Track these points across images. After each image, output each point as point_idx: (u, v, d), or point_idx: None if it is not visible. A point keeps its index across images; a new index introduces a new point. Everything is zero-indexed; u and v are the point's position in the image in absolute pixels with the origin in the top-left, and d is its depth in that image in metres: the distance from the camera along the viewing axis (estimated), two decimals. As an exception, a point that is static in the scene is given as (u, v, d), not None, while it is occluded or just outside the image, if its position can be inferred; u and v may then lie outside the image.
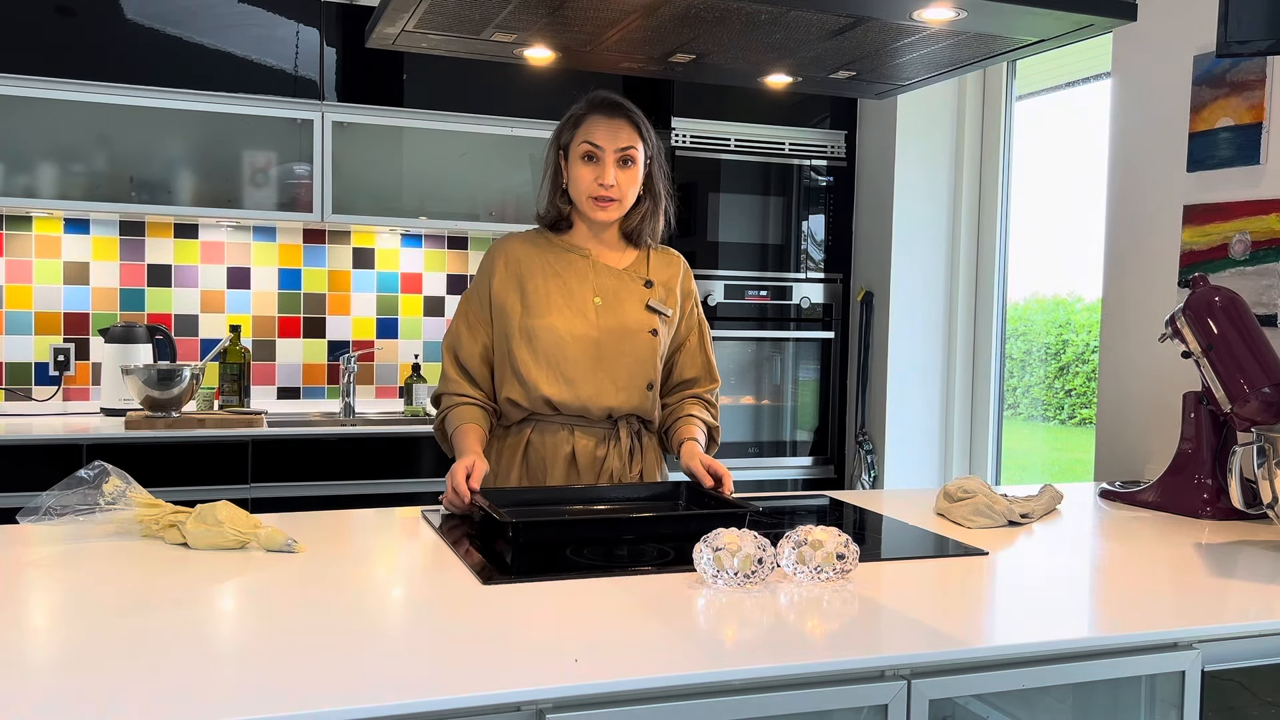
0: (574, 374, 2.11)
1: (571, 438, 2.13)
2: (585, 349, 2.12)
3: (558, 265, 2.17)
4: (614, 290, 2.17)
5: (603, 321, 2.14)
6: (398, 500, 3.31)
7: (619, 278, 2.18)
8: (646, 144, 2.15)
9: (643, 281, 2.20)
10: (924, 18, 1.82)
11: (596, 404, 2.11)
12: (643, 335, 2.15)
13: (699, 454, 2.10)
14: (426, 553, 1.69)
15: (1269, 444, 1.79)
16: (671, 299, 2.22)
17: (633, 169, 2.12)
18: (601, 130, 2.10)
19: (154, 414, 3.27)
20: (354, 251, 3.92)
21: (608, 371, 2.12)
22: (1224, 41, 2.06)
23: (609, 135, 2.10)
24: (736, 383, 3.85)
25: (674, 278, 2.24)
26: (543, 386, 2.10)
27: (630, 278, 2.19)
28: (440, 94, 3.64)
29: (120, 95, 3.31)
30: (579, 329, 2.12)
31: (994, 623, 1.42)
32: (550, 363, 2.11)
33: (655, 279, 2.21)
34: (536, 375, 2.10)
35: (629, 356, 2.14)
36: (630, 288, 2.18)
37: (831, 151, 3.92)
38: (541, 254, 2.18)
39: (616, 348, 2.13)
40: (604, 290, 2.16)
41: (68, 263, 3.60)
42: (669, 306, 2.21)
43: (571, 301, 2.14)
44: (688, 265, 2.30)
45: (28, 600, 1.38)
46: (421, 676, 1.11)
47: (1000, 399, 3.80)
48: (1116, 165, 2.85)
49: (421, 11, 1.86)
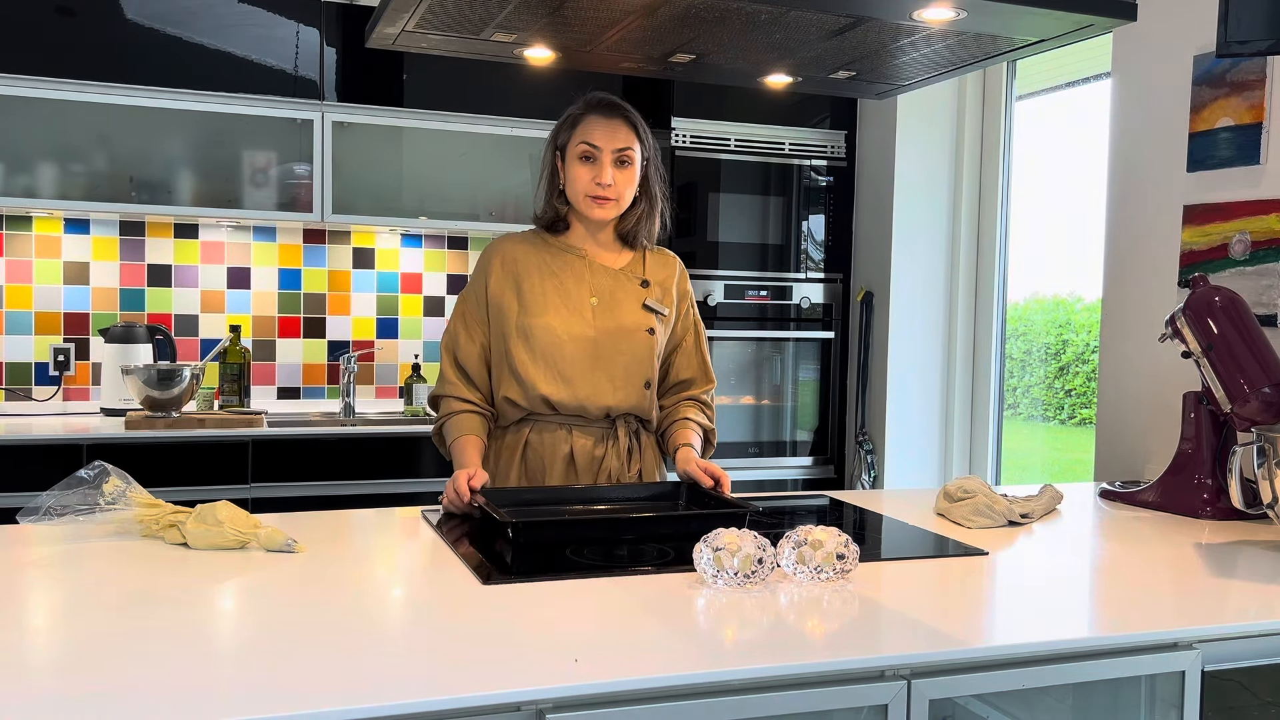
0: (571, 373, 2.11)
1: (570, 437, 2.13)
2: (582, 348, 2.12)
3: (554, 265, 2.17)
4: (610, 290, 2.17)
5: (599, 321, 2.14)
6: (398, 500, 3.32)
7: (615, 277, 2.19)
8: (644, 145, 2.15)
9: (639, 281, 2.20)
10: (924, 18, 1.82)
11: (594, 403, 2.11)
12: (639, 334, 2.16)
13: (694, 458, 2.10)
14: (426, 553, 1.69)
15: (1269, 444, 1.79)
16: (668, 299, 2.23)
17: (629, 169, 2.13)
18: (599, 130, 2.10)
19: (154, 414, 3.27)
20: (354, 251, 3.92)
21: (605, 370, 2.13)
22: (1224, 41, 2.06)
23: (606, 135, 2.10)
24: (736, 383, 3.85)
25: (670, 278, 2.25)
26: (540, 386, 2.10)
27: (627, 277, 2.19)
28: (440, 94, 3.64)
29: (120, 95, 3.31)
30: (576, 328, 2.13)
31: (994, 623, 1.42)
32: (548, 362, 2.11)
33: (652, 279, 2.22)
34: (534, 374, 2.10)
35: (626, 355, 2.14)
36: (627, 287, 2.18)
37: (831, 151, 3.92)
38: (538, 254, 2.18)
39: (613, 347, 2.14)
40: (600, 290, 2.17)
41: (68, 263, 3.61)
42: (665, 306, 2.21)
43: (568, 301, 2.14)
44: (684, 266, 2.31)
45: (28, 600, 1.38)
46: (421, 676, 1.11)
47: (1000, 399, 3.80)
48: (1116, 165, 2.85)
49: (421, 11, 1.86)
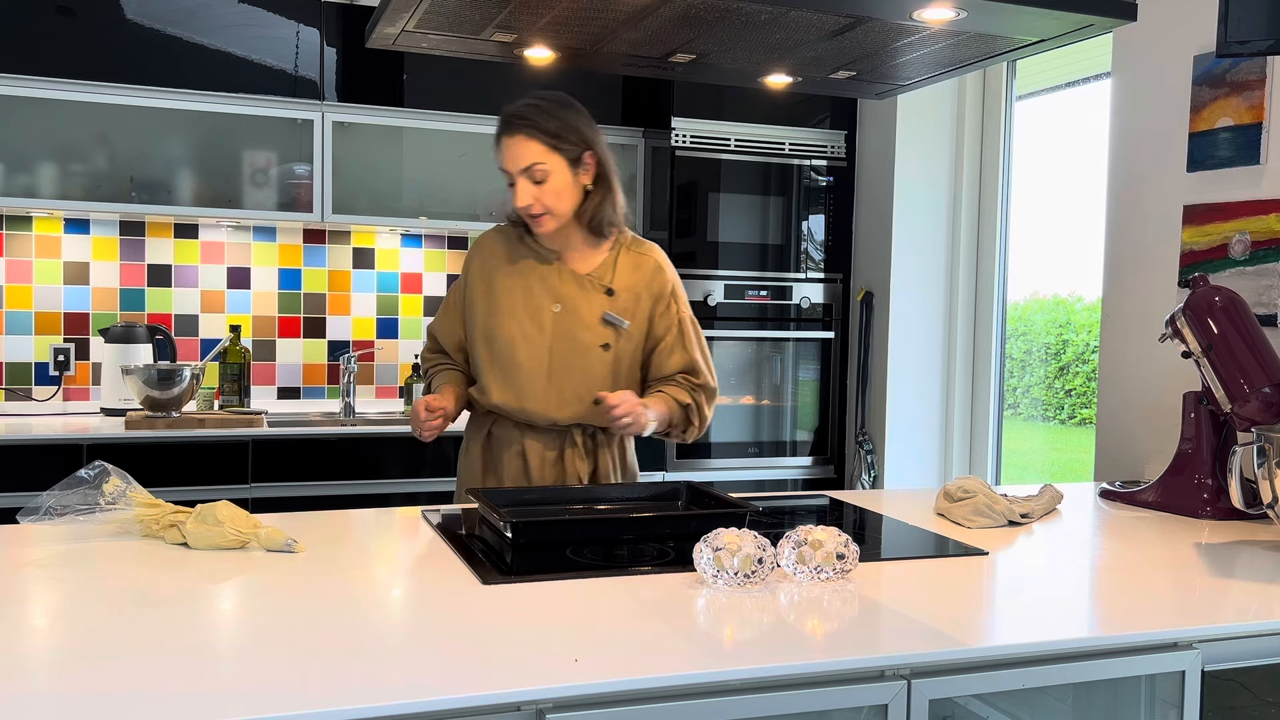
0: (522, 384, 2.13)
1: (522, 439, 2.17)
2: (536, 359, 2.13)
3: (524, 266, 2.18)
4: (574, 298, 2.15)
5: (556, 332, 2.14)
6: (398, 500, 3.32)
7: (581, 285, 2.16)
8: (560, 148, 2.08)
9: (604, 289, 2.17)
10: (924, 18, 1.82)
11: (541, 415, 2.15)
12: (594, 351, 2.14)
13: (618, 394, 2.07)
14: (426, 553, 1.69)
15: (1269, 444, 1.79)
16: (637, 305, 2.18)
17: (546, 182, 2.07)
18: (505, 154, 2.09)
19: (154, 414, 3.27)
20: (354, 251, 3.92)
21: (556, 385, 2.14)
22: (1224, 41, 2.06)
23: (511, 158, 2.08)
24: (736, 383, 3.85)
25: (640, 281, 2.19)
26: (492, 394, 2.15)
27: (593, 285, 2.17)
28: (440, 94, 3.64)
29: (120, 95, 3.31)
30: (534, 338, 2.14)
31: (994, 623, 1.42)
32: (502, 370, 2.14)
33: (619, 285, 2.18)
34: (489, 381, 2.16)
35: (579, 371, 2.14)
36: (590, 297, 2.16)
37: (831, 151, 3.92)
38: (514, 252, 2.20)
39: (566, 361, 2.14)
40: (564, 298, 2.16)
41: (68, 263, 3.60)
42: (629, 316, 2.17)
43: (530, 306, 2.15)
44: (663, 263, 2.23)
45: (28, 600, 1.38)
46: (421, 676, 1.11)
47: (1000, 399, 3.80)
48: (1116, 165, 2.85)
49: (421, 12, 1.86)
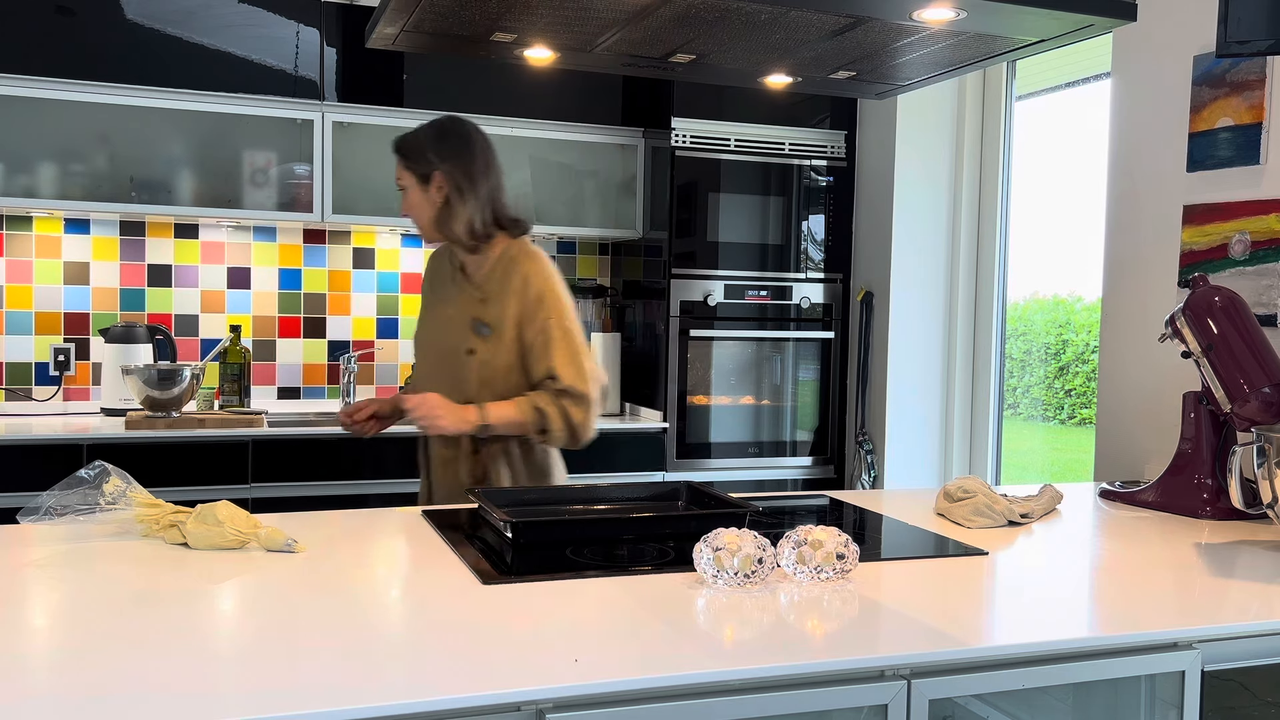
0: (419, 388, 2.29)
1: (429, 441, 2.31)
2: (426, 363, 2.32)
3: (442, 276, 2.34)
4: (456, 304, 2.27)
5: (438, 338, 2.29)
6: (398, 500, 3.31)
7: (463, 291, 2.27)
8: (415, 168, 2.23)
9: (479, 297, 2.24)
10: (924, 18, 1.82)
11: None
12: (459, 355, 2.23)
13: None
14: (426, 553, 1.69)
15: (1269, 444, 1.79)
16: (504, 313, 2.19)
17: (408, 196, 2.26)
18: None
19: (154, 414, 3.27)
20: (354, 251, 3.92)
21: (435, 389, 2.23)
22: (1224, 41, 2.06)
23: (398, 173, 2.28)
24: (736, 383, 3.85)
25: (504, 287, 2.20)
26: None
27: (469, 293, 2.25)
28: (440, 94, 3.64)
29: (120, 95, 3.31)
30: (426, 343, 2.33)
31: (994, 623, 1.42)
32: (416, 374, 2.36)
33: (490, 291, 2.22)
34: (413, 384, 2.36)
35: (448, 376, 2.24)
36: (462, 303, 2.26)
37: (831, 151, 3.92)
38: (443, 263, 2.36)
39: (438, 365, 2.28)
40: (450, 303, 2.28)
41: (68, 263, 3.60)
42: (497, 323, 2.19)
43: (434, 313, 2.32)
44: (532, 272, 2.19)
45: (28, 600, 1.38)
46: (421, 676, 1.11)
47: (1000, 399, 3.80)
48: (1116, 165, 2.85)
49: (421, 11, 1.86)
